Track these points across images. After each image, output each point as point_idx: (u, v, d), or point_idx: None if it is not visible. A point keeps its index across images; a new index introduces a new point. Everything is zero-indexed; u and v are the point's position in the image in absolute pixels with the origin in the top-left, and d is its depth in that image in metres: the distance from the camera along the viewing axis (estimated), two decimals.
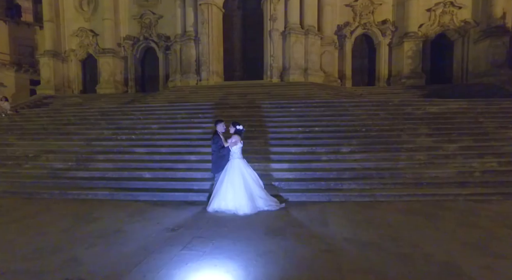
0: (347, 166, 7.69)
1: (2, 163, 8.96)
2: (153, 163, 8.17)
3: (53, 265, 3.69)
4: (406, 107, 11.20)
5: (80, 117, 12.11)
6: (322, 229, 4.87)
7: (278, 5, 18.52)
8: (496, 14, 19.04)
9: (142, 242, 4.41)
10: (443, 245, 4.12)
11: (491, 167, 7.63)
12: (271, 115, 10.62)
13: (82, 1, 24.54)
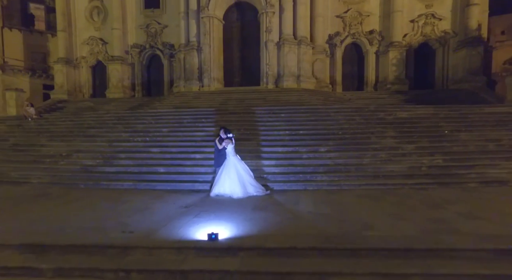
0: (322, 163, 9.63)
1: (41, 160, 10.92)
2: (165, 161, 10.11)
3: (110, 225, 5.63)
4: (379, 113, 13.13)
5: (99, 121, 14.07)
6: (294, 207, 6.81)
7: (273, 18, 20.41)
8: (471, 26, 20.93)
9: (165, 214, 6.34)
10: (372, 215, 6.05)
11: (437, 163, 9.55)
12: (263, 120, 12.56)
13: (92, 11, 26.46)
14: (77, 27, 26.52)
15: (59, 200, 7.66)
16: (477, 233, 5.02)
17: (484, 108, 13.59)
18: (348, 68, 23.91)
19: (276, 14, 20.39)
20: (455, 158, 9.84)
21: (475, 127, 11.92)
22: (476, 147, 10.47)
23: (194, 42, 21.39)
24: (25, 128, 14.71)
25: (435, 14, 22.30)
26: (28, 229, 5.50)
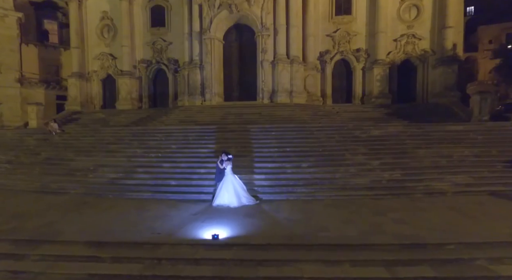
0: (302, 177, 11.96)
1: (73, 173, 13.28)
2: (176, 174, 12.46)
3: (142, 228, 7.98)
4: (356, 131, 15.48)
5: (117, 137, 16.45)
6: (275, 214, 9.15)
7: (268, 40, 22.79)
8: (447, 46, 23.30)
9: (180, 220, 8.69)
10: (330, 220, 8.39)
11: (395, 177, 11.89)
12: (257, 137, 14.91)
13: (103, 29, 28.88)
14: (89, 43, 28.90)
15: (97, 208, 10.02)
16: (396, 233, 7.36)
17: (445, 126, 15.92)
18: (338, 83, 26.24)
19: (271, 36, 22.72)
20: (410, 172, 12.17)
21: (434, 144, 14.25)
22: (430, 163, 12.80)
23: (197, 60, 23.76)
24: (52, 143, 17.09)
25: (416, 34, 24.65)
26: (86, 231, 7.86)
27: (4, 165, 15.04)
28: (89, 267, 6.52)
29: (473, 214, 8.82)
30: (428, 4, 24.46)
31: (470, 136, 14.90)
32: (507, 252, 6.56)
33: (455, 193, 10.94)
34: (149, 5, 27.86)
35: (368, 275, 6.08)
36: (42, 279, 6.24)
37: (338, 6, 25.58)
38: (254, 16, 22.72)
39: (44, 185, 12.53)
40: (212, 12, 22.99)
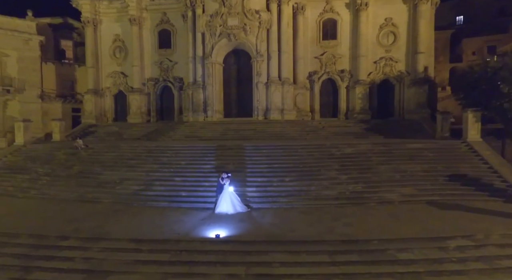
0: (285, 189, 15.37)
1: (103, 185, 16.69)
2: (186, 187, 15.85)
3: (165, 230, 11.38)
4: (332, 149, 18.88)
5: (135, 153, 19.85)
6: (261, 219, 12.57)
7: (262, 64, 26.21)
8: (419, 69, 26.74)
9: (192, 223, 12.10)
10: (299, 224, 11.79)
11: (357, 189, 15.28)
12: (250, 155, 18.31)
13: (115, 50, 32.31)
14: (102, 63, 32.34)
15: (128, 215, 13.43)
16: (342, 233, 10.76)
17: (406, 144, 19.35)
18: (325, 99, 29.66)
19: (265, 61, 26.17)
20: (369, 185, 15.57)
21: (394, 160, 17.66)
22: (387, 177, 16.20)
23: (200, 81, 27.19)
24: (79, 157, 20.50)
25: (393, 57, 28.08)
26: (126, 231, 11.27)
27: (44, 177, 18.47)
28: (133, 256, 9.94)
29: (403, 218, 12.24)
30: (403, 31, 27.85)
31: (424, 153, 18.31)
32: (410, 244, 9.97)
33: (400, 202, 14.35)
34: (156, 29, 31.27)
35: (316, 260, 9.50)
36: (105, 263, 9.66)
37: (325, 32, 28.98)
38: (250, 44, 26.13)
39: (82, 195, 15.95)
40: (213, 40, 26.40)
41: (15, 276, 9.26)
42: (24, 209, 14.48)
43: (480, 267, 9.20)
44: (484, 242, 10.19)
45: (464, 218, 12.22)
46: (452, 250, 9.81)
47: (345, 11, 28.51)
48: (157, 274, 9.09)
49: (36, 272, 9.38)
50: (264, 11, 25.84)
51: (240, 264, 9.38)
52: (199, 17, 26.77)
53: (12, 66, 30.18)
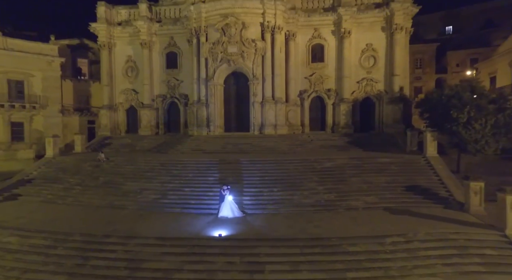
0: (273, 198, 19.35)
1: (127, 194, 20.67)
2: (194, 196, 19.84)
3: (182, 230, 15.39)
4: (314, 163, 22.85)
5: (150, 166, 23.84)
6: (253, 222, 16.57)
7: (258, 86, 30.19)
8: (395, 89, 30.72)
9: (200, 225, 16.10)
10: (281, 226, 15.75)
11: (330, 198, 19.24)
12: (246, 169, 22.27)
13: (127, 70, 36.36)
14: (116, 81, 36.41)
15: (150, 219, 17.41)
16: (311, 233, 14.75)
17: (377, 158, 23.30)
18: (314, 114, 33.66)
19: (260, 83, 30.16)
20: (341, 194, 19.53)
21: (364, 173, 21.62)
22: (356, 187, 20.16)
23: (203, 100, 31.17)
24: (103, 169, 24.51)
25: (373, 78, 32.07)
26: (152, 231, 15.27)
27: (76, 187, 22.48)
28: (159, 249, 13.96)
29: (360, 221, 16.21)
30: (382, 55, 31.81)
31: (390, 167, 22.29)
32: (358, 240, 13.94)
33: (363, 209, 18.31)
34: (164, 51, 35.30)
35: (290, 252, 13.49)
36: (139, 254, 13.65)
37: (313, 55, 32.98)
38: (247, 68, 30.14)
39: (110, 203, 19.95)
40: (215, 64, 30.40)
41: (78, 262, 13.30)
42: (68, 214, 18.49)
43: (404, 256, 13.21)
44: (412, 238, 14.17)
45: (407, 221, 16.19)
46: (387, 245, 13.78)
47: (331, 37, 32.49)
48: (177, 261, 13.11)
49: (93, 260, 13.41)
50: (259, 40, 29.81)
51: (236, 255, 13.37)
52: (203, 44, 30.74)
53: (37, 85, 34.25)
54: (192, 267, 12.79)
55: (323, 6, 32.37)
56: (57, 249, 14.27)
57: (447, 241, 14.16)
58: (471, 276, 12.47)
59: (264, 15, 29.64)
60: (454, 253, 13.50)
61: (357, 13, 31.26)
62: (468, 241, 14.19)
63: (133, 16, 35.34)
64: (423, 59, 58.28)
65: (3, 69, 31.99)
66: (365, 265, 12.82)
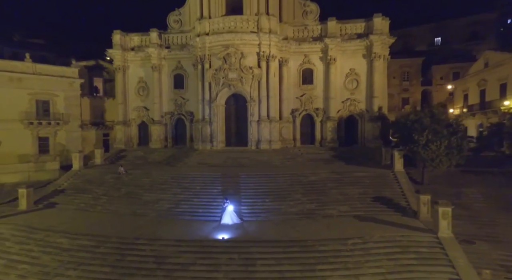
0: (265, 207, 24.05)
1: (146, 204, 25.36)
2: (201, 206, 24.53)
3: (195, 234, 20.11)
4: (301, 177, 27.52)
5: (163, 179, 28.53)
6: (248, 228, 21.28)
7: (254, 107, 34.86)
8: (374, 109, 35.40)
9: (207, 230, 20.79)
10: (270, 231, 20.44)
11: (312, 207, 23.91)
12: (244, 182, 26.94)
13: (139, 89, 41.10)
14: (129, 99, 41.17)
15: (167, 225, 22.09)
16: (291, 236, 19.44)
17: (353, 173, 27.96)
18: (304, 130, 38.36)
19: (256, 104, 34.82)
20: (321, 204, 24.20)
21: (342, 186, 26.30)
22: (334, 198, 24.83)
23: (207, 118, 35.87)
24: (123, 182, 29.22)
25: (356, 99, 36.73)
26: (171, 235, 19.97)
27: (103, 196, 27.20)
28: (177, 248, 18.68)
29: (332, 227, 20.89)
30: (363, 79, 36.48)
31: (364, 180, 26.96)
32: (327, 242, 18.62)
33: (337, 216, 22.97)
34: (172, 73, 40.03)
35: (275, 250, 18.19)
36: (163, 252, 18.36)
37: (304, 78, 37.68)
38: (245, 92, 34.84)
39: (133, 211, 24.66)
40: (217, 88, 35.10)
41: (117, 258, 18.03)
42: (100, 221, 23.21)
43: (360, 253, 17.90)
44: (368, 240, 18.83)
45: (369, 226, 20.85)
46: (349, 245, 18.46)
47: (319, 62, 37.17)
48: (192, 258, 17.82)
49: (128, 256, 18.15)
50: (256, 68, 34.50)
51: (235, 253, 18.08)
52: (207, 70, 35.44)
53: (60, 103, 38.93)
54: (203, 262, 17.52)
55: (312, 35, 37.02)
56: (100, 248, 19.00)
57: (394, 242, 18.87)
58: (407, 268, 17.17)
59: (260, 46, 34.30)
60: (397, 251, 18.21)
61: (341, 42, 35.91)
62: (410, 242, 18.88)
63: (145, 42, 40.05)
64: (410, 72, 62.75)
65: (32, 91, 36.69)
66: (330, 260, 17.53)
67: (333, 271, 16.83)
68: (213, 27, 34.74)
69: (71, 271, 17.40)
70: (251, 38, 34.09)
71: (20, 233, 21.40)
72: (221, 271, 16.93)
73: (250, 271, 16.90)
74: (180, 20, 39.74)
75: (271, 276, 16.68)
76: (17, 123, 35.81)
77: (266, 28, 34.13)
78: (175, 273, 16.92)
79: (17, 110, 35.85)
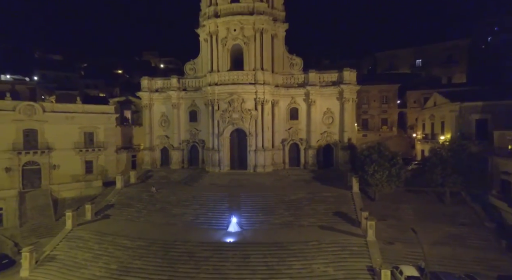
0: (258, 220, 35.16)
1: (176, 216, 36.51)
2: (214, 218, 35.67)
3: (210, 239, 31.28)
4: (284, 197, 38.60)
5: (186, 197, 39.70)
6: (246, 234, 32.44)
7: (252, 139, 46.09)
8: (345, 140, 46.44)
9: (218, 236, 31.99)
10: (261, 236, 31.54)
11: (290, 219, 34.99)
12: (244, 200, 38.04)
13: (161, 121, 52.46)
14: (154, 129, 52.54)
15: (192, 232, 33.23)
16: (271, 238, 30.54)
17: (323, 193, 38.95)
18: (292, 155, 49.47)
19: (254, 138, 46.03)
20: (297, 217, 35.24)
21: (313, 203, 37.36)
22: (306, 213, 35.87)
23: (216, 148, 47.14)
24: (156, 199, 40.46)
25: (331, 132, 47.86)
26: (197, 238, 31.12)
27: (143, 210, 38.44)
28: (201, 247, 29.90)
29: (302, 234, 31.96)
30: (337, 116, 47.47)
31: (330, 199, 37.97)
32: (295, 244, 29.69)
33: (307, 226, 33.97)
34: (188, 109, 51.28)
35: (262, 248, 29.32)
36: (193, 250, 29.53)
37: (291, 115, 48.74)
38: (245, 128, 46.03)
39: (166, 221, 35.85)
40: (223, 125, 46.28)
41: (163, 253, 29.27)
42: (145, 228, 34.40)
43: (315, 250, 28.98)
44: (322, 242, 29.87)
45: (326, 233, 31.86)
46: (309, 245, 29.49)
47: (303, 103, 48.18)
48: (210, 253, 29.02)
49: (170, 252, 29.38)
50: (253, 110, 45.60)
51: (237, 250, 29.30)
52: (215, 111, 46.60)
53: (101, 134, 50.24)
54: (217, 255, 28.76)
55: (297, 82, 48.05)
56: (151, 247, 30.24)
57: (338, 243, 29.92)
58: (342, 259, 28.24)
59: (257, 93, 45.39)
60: (339, 249, 29.26)
61: (319, 88, 46.91)
62: (348, 243, 29.92)
63: (167, 85, 51.33)
64: (388, 96, 73.31)
65: (82, 125, 48.03)
66: (296, 254, 28.63)
67: (297, 261, 27.95)
68: (220, 78, 45.93)
69: (137, 261, 28.69)
70: (250, 87, 45.19)
71: (95, 236, 32.73)
72: (228, 261, 28.13)
73: (246, 261, 28.07)
74: (195, 68, 50.99)
75: (259, 264, 27.82)
76: (70, 151, 47.17)
77: (261, 80, 45.22)
78: (201, 262, 28.11)
79: (70, 141, 47.21)
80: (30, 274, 28.92)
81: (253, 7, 44.71)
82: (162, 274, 27.34)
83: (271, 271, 27.16)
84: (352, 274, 26.86)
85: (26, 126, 43.54)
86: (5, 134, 41.95)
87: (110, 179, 49.13)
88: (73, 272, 28.67)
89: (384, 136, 69.34)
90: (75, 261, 29.94)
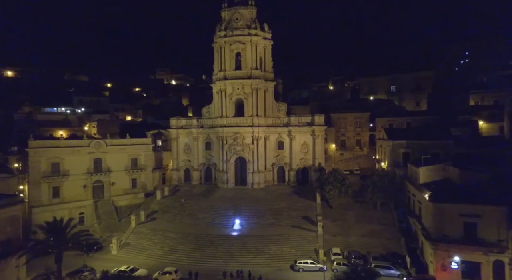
0: (252, 221, 56.05)
1: (201, 219, 57.48)
2: (224, 220, 56.63)
3: (223, 234, 52.29)
4: (271, 206, 59.45)
5: (206, 206, 60.69)
6: (245, 230, 53.43)
7: (250, 165, 67.70)
8: (316, 165, 67.45)
9: (228, 231, 53.02)
10: (256, 232, 52.45)
11: (273, 221, 55.79)
12: (243, 209, 58.89)
13: (185, 149, 74.00)
14: (179, 155, 73.98)
15: (211, 229, 54.17)
16: (263, 233, 51.43)
17: (297, 203, 59.75)
18: (279, 175, 70.97)
19: (251, 163, 67.50)
20: (278, 219, 56.05)
21: (290, 210, 58.36)
22: (284, 217, 56.66)
23: (224, 170, 68.64)
24: (185, 207, 61.64)
25: (307, 158, 69.27)
26: (214, 233, 52.15)
27: (177, 215, 59.55)
28: (218, 239, 50.96)
29: (279, 231, 52.78)
30: (311, 147, 68.27)
31: (301, 208, 58.78)
32: (274, 237, 50.55)
33: (284, 225, 54.70)
34: (204, 141, 72.55)
35: (254, 239, 50.32)
36: (214, 241, 50.53)
37: (278, 146, 69.78)
38: (245, 157, 67.10)
39: (194, 222, 56.89)
40: (230, 154, 67.42)
41: (195, 242, 50.40)
42: (181, 227, 55.48)
43: (284, 240, 49.86)
44: (290, 235, 50.69)
45: (294, 230, 52.63)
46: (281, 237, 50.28)
47: (287, 137, 69.03)
48: (223, 241, 50.05)
49: (200, 241, 50.52)
50: (251, 144, 66.60)
51: (239, 239, 50.39)
52: (224, 145, 67.62)
53: (142, 158, 71.44)
54: (227, 242, 49.90)
55: (282, 123, 68.90)
56: (187, 237, 51.48)
57: (300, 236, 50.72)
58: (301, 245, 49.04)
59: (253, 132, 66.29)
60: (300, 239, 50.13)
61: (298, 128, 67.69)
62: (307, 235, 50.71)
63: (189, 123, 72.46)
64: (361, 122, 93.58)
65: (130, 153, 69.24)
66: (274, 242, 49.56)
67: (274, 246, 48.91)
68: (227, 122, 67.01)
69: (180, 246, 49.93)
70: (248, 128, 66.16)
71: (151, 231, 53.94)
72: (234, 246, 49.21)
73: (245, 246, 49.00)
74: (209, 111, 72.08)
75: (252, 247, 48.83)
76: (122, 172, 68.42)
77: (256, 123, 66.14)
78: (219, 247, 49.24)
79: (122, 165, 68.46)
80: (118, 253, 50.08)
81: (250, 73, 65.66)
82: (196, 252, 48.37)
83: (258, 251, 48.24)
84: (305, 252, 47.61)
85: (95, 156, 64.87)
86: (82, 162, 63.34)
87: (149, 191, 70.33)
88: (142, 252, 49.86)
89: (357, 155, 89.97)
90: (142, 246, 51.11)
